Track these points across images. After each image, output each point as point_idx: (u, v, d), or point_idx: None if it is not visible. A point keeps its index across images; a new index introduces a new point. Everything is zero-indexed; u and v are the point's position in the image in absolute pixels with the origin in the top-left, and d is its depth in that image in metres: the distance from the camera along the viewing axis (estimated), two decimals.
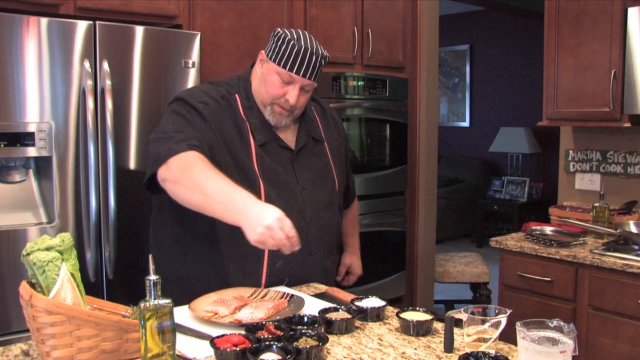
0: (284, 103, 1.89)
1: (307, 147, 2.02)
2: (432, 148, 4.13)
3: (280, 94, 1.88)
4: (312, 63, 1.86)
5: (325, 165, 2.07)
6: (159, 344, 1.27)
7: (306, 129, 2.04)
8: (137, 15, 2.68)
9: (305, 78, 1.87)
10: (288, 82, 1.87)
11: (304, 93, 1.92)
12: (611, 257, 2.69)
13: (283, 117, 1.93)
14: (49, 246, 1.37)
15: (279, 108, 1.90)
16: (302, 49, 1.85)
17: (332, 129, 2.16)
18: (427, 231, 4.13)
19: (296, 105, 1.91)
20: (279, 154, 1.95)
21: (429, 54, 4.01)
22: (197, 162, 1.70)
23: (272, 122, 1.93)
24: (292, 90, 1.87)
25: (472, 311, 1.47)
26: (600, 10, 3.03)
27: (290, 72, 1.85)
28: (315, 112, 2.13)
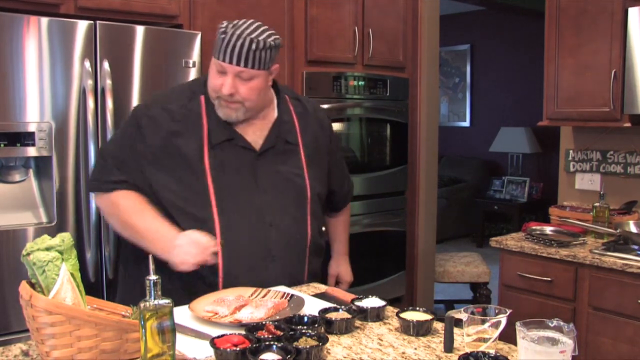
0: (222, 94, 1.84)
1: (275, 149, 1.95)
2: (433, 148, 4.13)
3: (217, 85, 1.83)
4: (241, 49, 1.77)
5: (294, 170, 1.98)
6: (159, 344, 1.27)
7: (278, 131, 1.97)
8: (137, 14, 2.68)
9: (233, 65, 1.79)
10: (222, 72, 1.82)
11: (243, 82, 1.82)
12: (611, 257, 2.69)
13: (231, 111, 1.86)
14: (49, 246, 1.37)
15: (223, 101, 1.85)
16: (229, 36, 1.78)
17: (315, 131, 2.07)
18: (427, 231, 4.13)
19: (238, 96, 1.83)
20: (237, 154, 1.90)
21: (430, 53, 4.00)
22: (122, 202, 1.88)
23: (222, 116, 1.88)
24: (226, 80, 1.81)
25: (472, 311, 1.47)
26: (601, 10, 3.03)
27: (220, 61, 1.80)
28: (294, 113, 2.04)
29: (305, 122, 2.05)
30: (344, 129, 3.62)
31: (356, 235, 3.67)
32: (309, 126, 2.05)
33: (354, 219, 3.63)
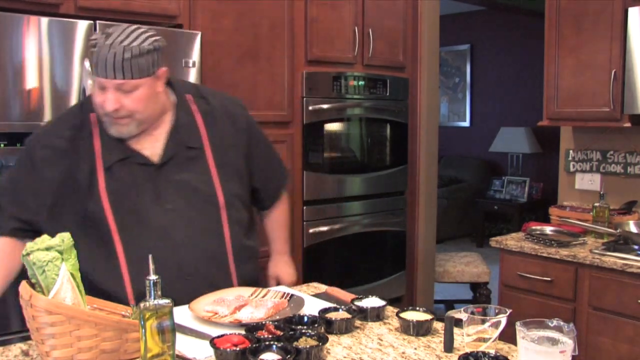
0: (108, 111, 1.66)
1: (176, 158, 1.78)
2: (433, 148, 4.13)
3: (101, 102, 1.66)
4: (113, 61, 1.60)
5: (201, 177, 1.81)
6: (158, 343, 1.27)
7: (177, 138, 1.79)
8: (137, 14, 2.68)
9: (110, 79, 1.62)
10: (102, 87, 1.65)
11: (126, 94, 1.65)
12: (611, 257, 2.69)
13: (122, 127, 1.69)
14: (49, 246, 1.37)
15: (109, 117, 1.68)
16: (100, 48, 1.61)
17: (225, 129, 1.89)
18: (427, 231, 4.13)
19: (124, 110, 1.66)
20: (135, 172, 1.74)
21: (430, 53, 4.00)
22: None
23: (114, 134, 1.71)
24: (107, 95, 1.64)
25: (472, 311, 1.48)
26: (601, 10, 3.03)
27: (98, 77, 1.64)
28: (198, 113, 1.85)
29: (212, 120, 1.87)
30: (343, 129, 3.62)
31: (356, 235, 3.68)
32: (217, 124, 1.87)
33: (354, 219, 3.64)
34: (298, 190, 3.39)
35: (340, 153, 3.64)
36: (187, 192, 1.77)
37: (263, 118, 3.19)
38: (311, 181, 3.42)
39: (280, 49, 3.24)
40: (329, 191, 3.53)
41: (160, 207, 1.74)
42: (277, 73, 3.24)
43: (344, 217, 3.62)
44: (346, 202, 3.63)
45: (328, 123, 3.51)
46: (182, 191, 1.77)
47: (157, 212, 1.74)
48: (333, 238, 3.55)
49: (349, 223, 3.63)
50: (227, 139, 1.88)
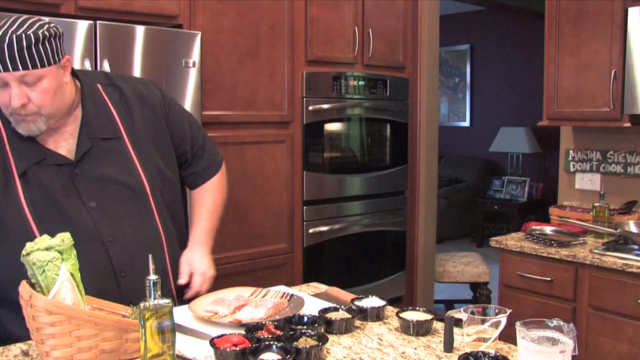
0: (15, 109, 1.55)
1: (91, 152, 1.67)
2: (433, 148, 4.13)
3: (6, 101, 1.54)
4: (11, 50, 1.48)
5: (124, 166, 1.72)
6: (158, 343, 1.27)
7: (89, 131, 1.68)
8: (137, 15, 2.68)
9: (11, 71, 1.50)
10: (3, 84, 1.53)
11: (31, 87, 1.54)
12: (611, 257, 2.69)
13: (31, 124, 1.57)
14: (49, 246, 1.37)
15: (18, 116, 1.56)
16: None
17: (141, 112, 1.78)
18: (427, 231, 4.13)
19: (32, 105, 1.55)
20: (52, 174, 1.63)
21: (430, 53, 4.00)
22: None
23: (23, 133, 1.59)
24: (12, 91, 1.52)
25: (472, 311, 1.47)
26: (601, 10, 3.03)
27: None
28: (110, 102, 1.74)
29: (126, 107, 1.77)
30: (343, 129, 3.62)
31: (356, 235, 3.68)
32: (131, 110, 1.77)
33: (354, 219, 3.64)
34: (298, 190, 3.39)
35: (340, 153, 3.64)
36: (109, 186, 1.68)
37: (263, 118, 3.20)
38: (311, 181, 3.42)
39: (280, 49, 3.24)
40: (329, 191, 3.53)
41: (84, 207, 1.65)
42: (277, 73, 3.24)
43: (344, 217, 3.62)
44: (346, 202, 3.63)
45: (328, 123, 3.51)
46: (104, 186, 1.68)
47: (82, 213, 1.64)
48: (333, 238, 3.55)
49: (349, 223, 3.63)
50: (144, 123, 1.78)
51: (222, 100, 3.04)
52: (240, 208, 3.16)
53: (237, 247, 3.15)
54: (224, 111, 3.05)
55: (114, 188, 1.69)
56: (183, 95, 2.73)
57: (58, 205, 1.62)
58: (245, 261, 3.18)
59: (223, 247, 3.09)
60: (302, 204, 3.42)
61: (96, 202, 1.66)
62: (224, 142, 3.06)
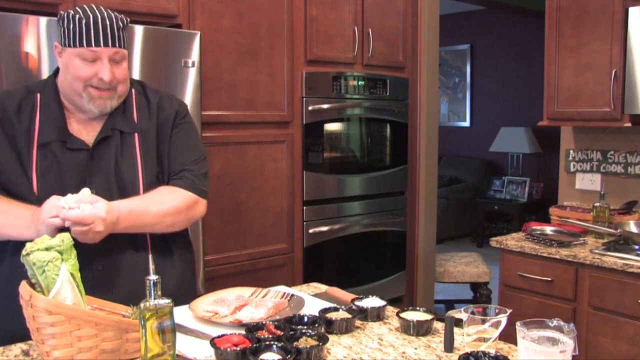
0: (98, 83, 1.68)
1: (107, 143, 1.76)
2: (433, 148, 4.12)
3: (91, 75, 1.67)
4: (108, 29, 1.65)
5: (128, 162, 1.77)
6: (159, 343, 1.27)
7: (112, 122, 1.77)
8: (136, 14, 2.68)
9: (108, 47, 1.66)
10: (93, 59, 1.66)
11: (117, 65, 1.70)
12: (611, 257, 2.69)
13: (106, 100, 1.71)
14: (49, 246, 1.37)
15: (96, 91, 1.69)
16: (91, 19, 1.64)
17: (157, 121, 1.86)
18: (428, 231, 4.13)
19: (115, 80, 1.70)
20: (64, 156, 1.71)
21: (430, 53, 4.00)
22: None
23: (96, 110, 1.71)
24: (102, 67, 1.66)
25: (472, 311, 1.47)
26: (601, 9, 3.03)
27: (91, 47, 1.65)
28: (135, 106, 1.84)
29: (147, 113, 1.85)
30: (343, 129, 3.62)
31: (356, 235, 3.68)
32: (151, 117, 1.85)
33: (354, 219, 3.65)
34: (298, 191, 3.39)
35: (340, 153, 3.64)
36: (111, 177, 1.74)
37: (263, 118, 3.20)
38: (311, 181, 3.42)
39: (279, 48, 3.24)
40: (329, 191, 3.53)
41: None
42: (276, 73, 3.24)
43: (344, 217, 3.61)
44: (346, 202, 3.63)
45: (328, 123, 3.51)
46: (107, 178, 1.73)
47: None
48: (333, 238, 3.55)
49: (349, 223, 3.63)
50: (155, 131, 1.84)
51: (222, 100, 3.03)
52: (240, 208, 3.16)
53: (237, 247, 3.15)
54: (223, 111, 3.05)
55: (115, 182, 1.74)
56: (182, 96, 2.73)
57: (62, 184, 1.68)
58: (245, 261, 3.18)
59: (223, 247, 3.09)
60: (302, 204, 3.42)
61: (96, 190, 1.68)
62: (223, 142, 3.06)
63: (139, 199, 1.73)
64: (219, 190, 3.05)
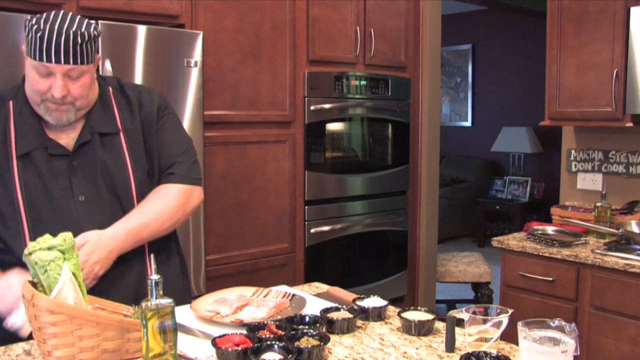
0: (52, 98, 1.63)
1: (89, 146, 1.72)
2: (434, 148, 4.12)
3: (45, 89, 1.62)
4: (61, 46, 1.58)
5: (116, 162, 1.75)
6: (160, 343, 1.28)
7: (91, 125, 1.74)
8: (139, 14, 2.68)
9: (61, 64, 1.59)
10: (47, 73, 1.61)
11: (73, 80, 1.64)
12: (613, 257, 2.69)
13: (63, 113, 1.66)
14: (51, 246, 1.37)
15: (51, 104, 1.64)
16: (47, 33, 1.57)
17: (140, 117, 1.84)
18: (429, 231, 4.13)
19: (71, 96, 1.64)
20: (47, 164, 1.68)
21: (431, 53, 4.00)
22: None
23: (52, 121, 1.67)
24: (55, 82, 1.61)
25: (474, 311, 1.47)
26: (603, 10, 3.02)
27: (42, 62, 1.58)
28: (115, 104, 1.81)
29: (129, 110, 1.83)
30: (345, 128, 3.62)
31: (358, 235, 3.68)
32: (133, 114, 1.83)
33: (355, 219, 3.65)
34: (300, 190, 3.39)
35: (342, 153, 3.64)
36: (100, 179, 1.71)
37: (265, 118, 3.21)
38: (313, 181, 3.42)
39: (282, 48, 3.24)
40: (330, 191, 3.54)
41: (72, 199, 1.68)
42: (278, 73, 3.24)
43: (346, 216, 3.62)
44: (348, 201, 3.63)
45: (330, 123, 3.51)
46: (95, 180, 1.71)
47: (70, 205, 1.68)
48: (335, 238, 3.55)
49: (351, 223, 3.63)
50: (139, 126, 1.82)
51: (224, 100, 3.04)
52: (242, 208, 3.16)
53: (239, 247, 3.16)
54: (225, 111, 3.05)
55: (104, 182, 1.72)
56: (185, 95, 2.73)
57: (49, 193, 1.66)
58: (246, 261, 3.18)
59: (225, 247, 3.10)
60: (304, 203, 3.42)
61: (85, 196, 1.69)
62: (225, 142, 3.06)
63: (133, 216, 1.71)
64: (221, 189, 3.05)
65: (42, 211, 1.65)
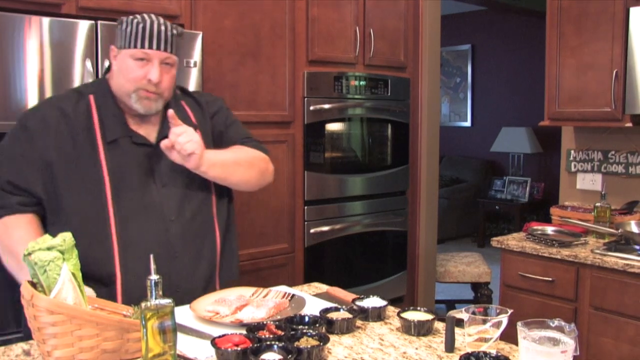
0: (147, 85, 1.76)
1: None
2: (434, 148, 4.12)
3: (141, 76, 1.76)
4: (162, 35, 1.76)
5: None
6: (160, 343, 1.28)
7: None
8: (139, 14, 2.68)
9: (160, 50, 1.76)
10: (144, 59, 1.76)
11: (166, 69, 1.79)
12: (612, 257, 2.69)
13: (152, 102, 1.79)
14: (50, 246, 1.37)
15: (145, 92, 1.77)
16: (148, 24, 1.75)
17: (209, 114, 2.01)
18: (429, 231, 4.13)
19: (162, 85, 1.79)
20: (132, 151, 1.81)
21: (431, 53, 4.00)
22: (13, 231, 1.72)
23: (141, 110, 1.79)
24: (152, 68, 1.76)
25: (473, 311, 1.47)
26: (602, 10, 3.03)
27: (143, 49, 1.75)
28: (187, 107, 1.97)
29: (198, 110, 1.99)
30: (344, 128, 3.62)
31: (357, 235, 3.68)
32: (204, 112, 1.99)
33: (355, 219, 3.65)
34: (299, 191, 3.39)
35: (342, 153, 3.64)
36: (178, 170, 1.82)
37: (264, 118, 3.20)
38: (312, 181, 3.42)
39: (281, 49, 3.24)
40: (330, 191, 3.53)
41: (154, 186, 1.82)
42: (278, 73, 3.24)
43: (345, 217, 3.62)
44: (347, 202, 3.63)
45: (329, 123, 3.51)
46: (175, 169, 1.82)
47: (152, 191, 1.81)
48: (334, 238, 3.55)
49: (350, 223, 3.63)
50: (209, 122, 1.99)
51: None
52: (242, 208, 3.15)
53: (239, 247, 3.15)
54: None
55: (182, 173, 1.83)
56: None
57: (132, 180, 1.79)
58: (246, 261, 3.18)
59: None
60: (303, 204, 3.42)
61: (166, 183, 1.83)
62: None
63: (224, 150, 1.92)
64: None
65: (125, 196, 1.77)
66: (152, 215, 1.79)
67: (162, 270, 1.70)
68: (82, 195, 1.74)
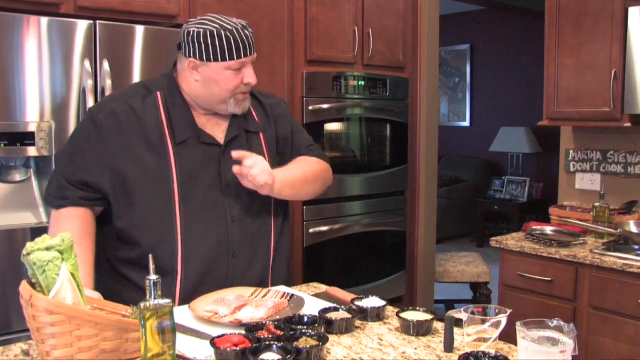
0: (245, 88, 1.87)
1: (238, 140, 1.91)
2: (433, 148, 4.13)
3: (239, 83, 1.84)
4: (249, 39, 1.86)
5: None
6: (159, 343, 1.27)
7: (238, 122, 1.93)
8: (137, 14, 2.68)
9: (253, 54, 1.87)
10: (240, 68, 1.84)
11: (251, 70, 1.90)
12: (611, 257, 2.69)
13: (247, 101, 1.90)
14: (49, 246, 1.37)
15: (241, 95, 1.87)
16: (236, 34, 1.82)
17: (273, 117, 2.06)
18: (428, 231, 4.13)
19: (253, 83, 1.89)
20: (200, 151, 1.84)
21: (430, 53, 4.00)
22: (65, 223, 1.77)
23: (240, 111, 1.88)
24: (248, 71, 1.86)
25: (473, 311, 1.47)
26: (601, 10, 3.03)
27: (240, 59, 1.82)
28: (252, 107, 2.00)
29: (263, 112, 2.03)
30: (343, 128, 3.62)
31: (356, 235, 3.68)
32: (268, 115, 2.04)
33: (354, 219, 3.65)
34: None
35: (341, 153, 3.64)
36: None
37: None
38: None
39: (280, 48, 3.24)
40: (329, 191, 3.48)
41: (219, 185, 1.85)
42: (277, 73, 3.24)
43: (344, 217, 3.62)
44: (346, 202, 3.63)
45: (328, 123, 3.51)
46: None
47: (216, 191, 1.85)
48: (333, 238, 3.55)
49: (349, 223, 3.63)
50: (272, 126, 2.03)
51: None
52: None
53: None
54: None
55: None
56: None
57: (199, 179, 1.83)
58: None
59: None
60: (302, 204, 3.41)
61: (230, 183, 1.85)
62: None
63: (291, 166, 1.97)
64: None
65: (190, 193, 1.80)
66: (215, 215, 1.83)
67: (220, 270, 1.83)
68: (151, 193, 1.78)
